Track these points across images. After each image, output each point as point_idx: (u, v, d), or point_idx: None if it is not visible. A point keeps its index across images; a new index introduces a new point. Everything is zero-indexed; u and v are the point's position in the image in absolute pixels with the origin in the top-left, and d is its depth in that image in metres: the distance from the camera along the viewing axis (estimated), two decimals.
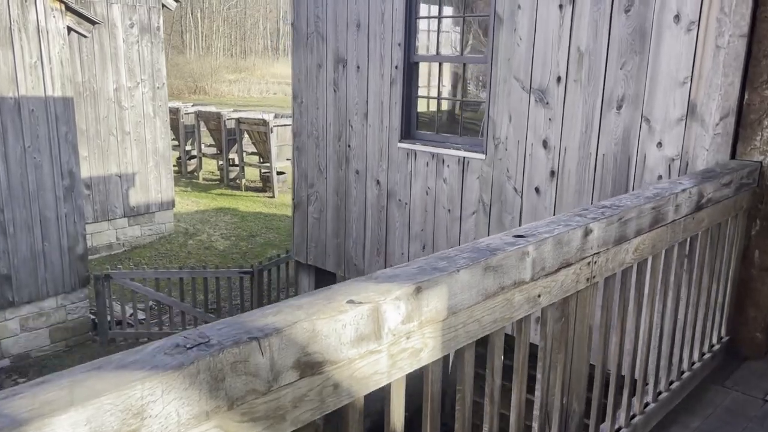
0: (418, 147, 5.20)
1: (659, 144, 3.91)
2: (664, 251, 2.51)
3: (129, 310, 10.13)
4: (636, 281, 2.41)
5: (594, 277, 2.05)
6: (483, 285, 1.53)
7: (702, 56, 3.65)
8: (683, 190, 2.50)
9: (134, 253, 13.10)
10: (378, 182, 5.55)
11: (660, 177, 3.93)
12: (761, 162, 3.24)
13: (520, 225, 4.66)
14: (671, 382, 2.94)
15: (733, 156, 3.47)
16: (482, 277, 1.52)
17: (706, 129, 3.71)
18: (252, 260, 12.92)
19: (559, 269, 1.85)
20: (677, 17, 3.73)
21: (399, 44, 5.20)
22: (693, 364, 3.12)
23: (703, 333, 3.13)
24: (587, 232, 1.96)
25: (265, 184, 18.36)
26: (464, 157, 4.90)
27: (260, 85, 44.70)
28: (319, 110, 5.92)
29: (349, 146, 5.73)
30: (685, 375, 3.03)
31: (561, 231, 1.85)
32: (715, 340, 3.33)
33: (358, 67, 5.53)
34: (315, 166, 6.07)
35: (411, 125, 5.30)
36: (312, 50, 5.90)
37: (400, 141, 5.31)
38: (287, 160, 18.89)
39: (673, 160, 3.87)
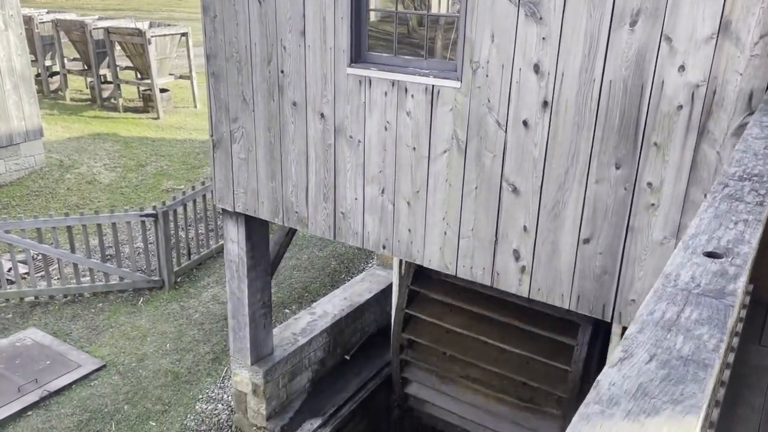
0: (372, 73, 4.30)
1: (681, 68, 3.33)
2: None
3: (7, 264, 8.65)
4: None
5: None
6: None
7: None
8: None
9: (0, 192, 11.22)
10: (322, 116, 4.63)
11: (680, 107, 3.38)
12: None
13: (503, 165, 4.01)
14: None
15: None
16: None
17: (742, 49, 3.15)
18: (146, 194, 11.53)
19: None
20: None
21: None
22: None
23: None
24: None
25: (147, 104, 16.37)
26: (433, 86, 4.08)
27: None
28: (239, 27, 4.78)
29: (282, 72, 4.70)
30: None
31: None
32: None
33: None
34: (238, 96, 4.99)
35: (363, 46, 4.35)
36: None
37: (349, 65, 4.38)
38: (170, 75, 16.88)
39: (698, 86, 3.31)
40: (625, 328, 5.49)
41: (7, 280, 8.41)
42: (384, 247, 4.68)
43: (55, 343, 7.38)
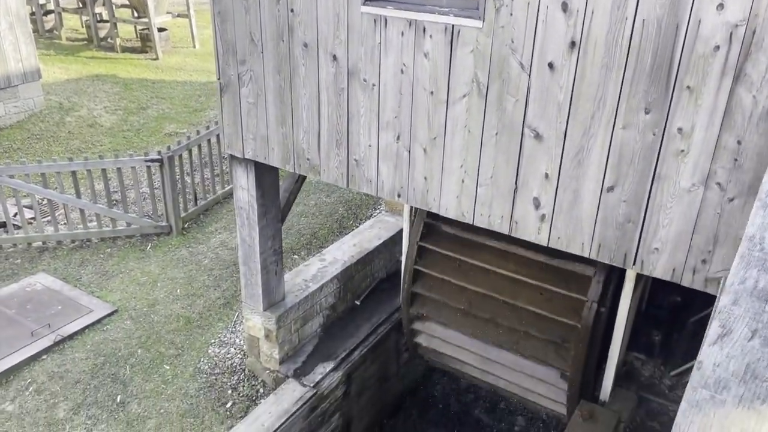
0: (388, 11, 4.09)
1: (720, 6, 3.14)
2: None
3: (12, 209, 8.58)
4: None
5: None
6: None
7: None
8: None
9: (0, 135, 11.05)
10: (335, 58, 4.43)
11: (717, 48, 3.21)
12: None
13: (526, 110, 3.86)
14: None
15: None
16: None
17: None
18: (148, 138, 11.36)
19: None
20: None
21: None
22: None
23: None
24: None
25: (145, 44, 15.94)
26: (453, 25, 3.89)
27: None
28: None
29: (292, 11, 4.47)
30: None
31: None
32: None
33: None
34: (246, 36, 4.77)
35: None
36: None
37: (363, 3, 4.16)
38: (168, 13, 16.37)
39: (737, 26, 3.13)
40: (638, 275, 5.47)
41: (14, 225, 8.36)
42: (399, 196, 4.58)
43: (66, 288, 7.38)
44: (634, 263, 3.86)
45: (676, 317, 7.04)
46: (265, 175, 5.55)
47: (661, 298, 7.07)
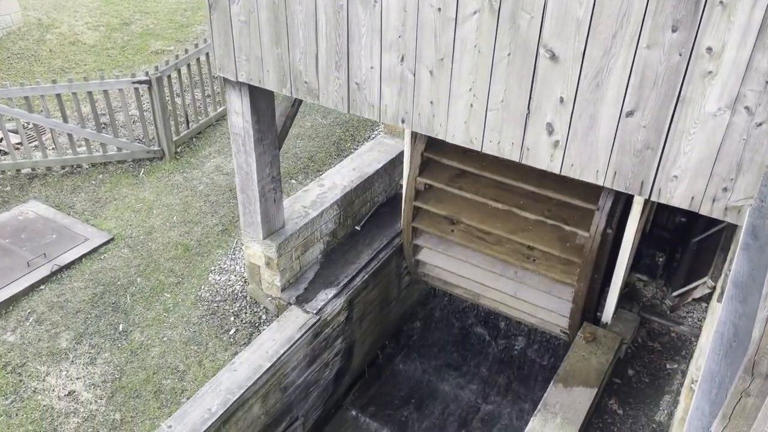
0: None
1: None
2: None
3: None
4: None
5: None
6: None
7: None
8: None
9: None
10: None
11: None
12: None
13: (541, 28, 3.57)
14: None
15: None
16: None
17: None
18: (134, 56, 10.87)
19: None
20: None
21: None
22: None
23: None
24: None
25: None
26: None
27: None
28: None
29: None
30: None
31: None
32: None
33: None
34: None
35: None
36: None
37: None
38: None
39: None
40: (647, 201, 5.33)
41: (0, 150, 8.09)
42: (403, 121, 4.34)
43: (59, 216, 7.23)
44: (651, 192, 3.70)
45: (680, 237, 6.99)
46: (260, 99, 5.27)
47: (666, 219, 6.99)
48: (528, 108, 3.82)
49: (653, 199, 3.72)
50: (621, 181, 3.76)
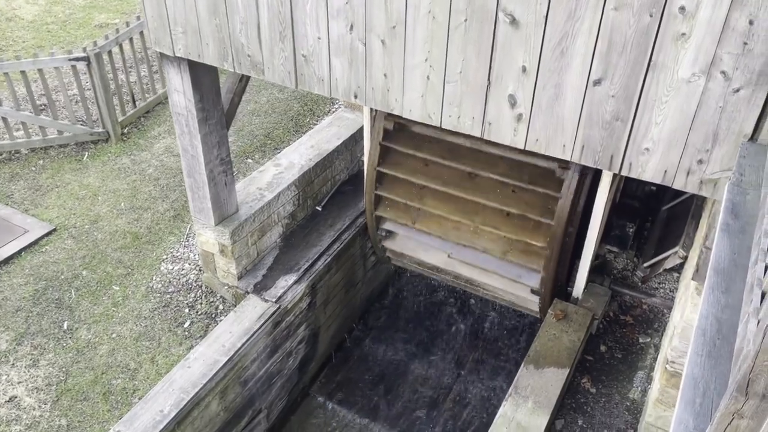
0: None
1: None
2: None
3: None
4: None
5: None
6: None
7: None
8: None
9: None
10: None
11: None
12: None
13: None
14: None
15: None
16: None
17: None
18: (76, 31, 10.21)
19: None
20: None
21: None
22: None
23: None
24: None
25: None
26: None
27: None
28: None
29: None
30: None
31: None
32: None
33: None
34: None
35: None
36: None
37: None
38: None
39: None
40: (616, 175, 5.09)
41: None
42: (356, 96, 3.99)
43: None
44: (621, 166, 3.45)
45: (650, 206, 6.82)
46: (202, 75, 4.85)
47: (636, 188, 6.80)
48: (488, 79, 3.51)
49: (624, 173, 3.46)
50: (589, 155, 3.49)
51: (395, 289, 7.67)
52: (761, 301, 1.83)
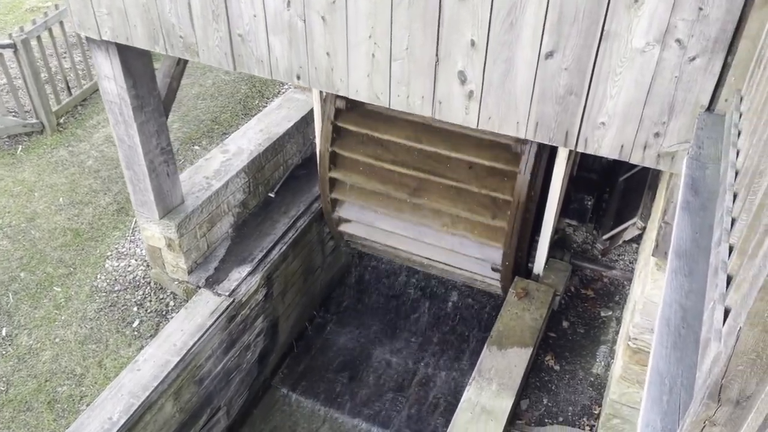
0: None
1: None
2: None
3: None
4: None
5: None
6: None
7: None
8: None
9: None
10: None
11: None
12: None
13: None
14: None
15: None
16: None
17: None
18: (6, 15, 9.61)
19: None
20: None
21: None
22: None
23: None
24: None
25: None
26: None
27: None
28: None
29: None
30: None
31: None
32: None
33: None
34: None
35: None
36: None
37: None
38: None
39: None
40: (571, 152, 4.97)
41: None
42: (298, 77, 3.75)
43: None
44: (576, 142, 3.31)
45: (607, 178, 6.77)
46: (134, 59, 4.52)
47: (593, 160, 6.74)
48: (436, 55, 3.31)
49: (580, 149, 3.33)
50: (544, 132, 3.34)
51: (357, 274, 7.49)
52: (727, 287, 1.71)
